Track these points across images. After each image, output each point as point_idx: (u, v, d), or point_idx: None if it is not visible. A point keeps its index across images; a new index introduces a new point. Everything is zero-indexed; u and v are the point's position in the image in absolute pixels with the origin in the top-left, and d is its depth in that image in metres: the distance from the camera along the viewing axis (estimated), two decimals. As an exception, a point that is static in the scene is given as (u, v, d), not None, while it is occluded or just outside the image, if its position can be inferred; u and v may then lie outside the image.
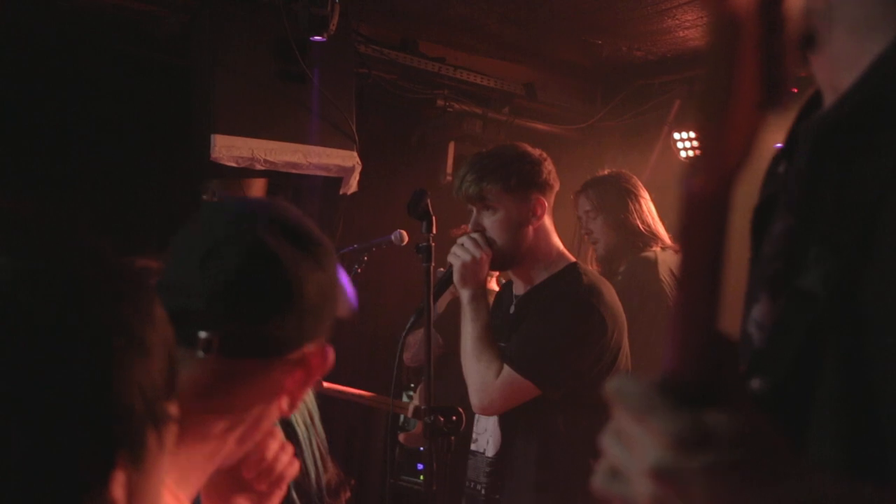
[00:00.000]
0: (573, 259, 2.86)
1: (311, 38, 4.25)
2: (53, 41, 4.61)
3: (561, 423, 2.63)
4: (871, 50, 0.89)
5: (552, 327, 2.67)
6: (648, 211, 3.91)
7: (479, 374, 2.65)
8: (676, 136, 5.51)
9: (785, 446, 0.72)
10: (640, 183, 3.99)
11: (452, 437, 2.41)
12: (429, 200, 2.85)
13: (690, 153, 5.49)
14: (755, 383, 0.89)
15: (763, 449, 0.70)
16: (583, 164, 5.45)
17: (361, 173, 4.71)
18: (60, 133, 4.65)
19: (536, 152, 2.85)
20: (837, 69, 0.92)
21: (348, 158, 4.58)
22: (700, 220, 0.66)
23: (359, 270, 3.82)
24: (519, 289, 2.87)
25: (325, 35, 4.22)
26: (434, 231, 2.87)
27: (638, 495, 0.70)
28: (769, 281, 0.95)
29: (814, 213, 0.90)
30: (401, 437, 4.43)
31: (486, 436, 2.81)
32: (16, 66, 4.47)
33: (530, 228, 2.77)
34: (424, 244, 2.74)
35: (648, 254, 3.80)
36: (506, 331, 2.78)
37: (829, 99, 0.96)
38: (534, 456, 2.63)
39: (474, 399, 2.68)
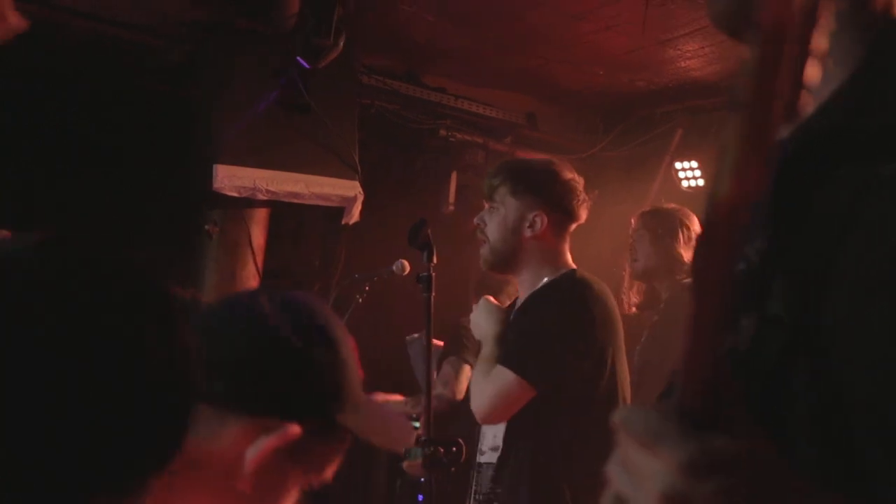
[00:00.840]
0: (574, 267, 2.82)
1: (300, 63, 4.26)
2: (59, 71, 4.65)
3: (552, 425, 2.59)
4: (830, 86, 0.91)
5: (538, 321, 2.65)
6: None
7: (476, 381, 2.66)
8: (678, 165, 5.53)
9: (789, 468, 0.73)
10: (697, 222, 4.00)
11: (453, 469, 2.39)
12: (429, 230, 2.85)
13: (692, 183, 5.50)
14: None
15: (769, 471, 0.71)
16: (584, 193, 5.46)
17: (363, 203, 4.73)
18: (63, 162, 4.68)
19: (568, 175, 2.82)
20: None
21: (350, 188, 4.60)
22: (729, 227, 0.66)
23: (360, 300, 3.82)
24: (520, 301, 2.87)
25: (317, 65, 4.24)
26: (434, 261, 2.87)
27: None
28: (738, 306, 0.96)
29: (776, 243, 0.91)
30: (405, 464, 4.40)
31: (497, 447, 2.79)
32: (21, 95, 4.50)
33: (525, 238, 2.74)
34: (425, 274, 2.74)
35: (689, 281, 3.79)
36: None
37: (783, 131, 0.97)
38: (528, 458, 2.60)
39: (472, 406, 2.66)
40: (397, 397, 4.05)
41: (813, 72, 0.61)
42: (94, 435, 0.74)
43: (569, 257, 2.83)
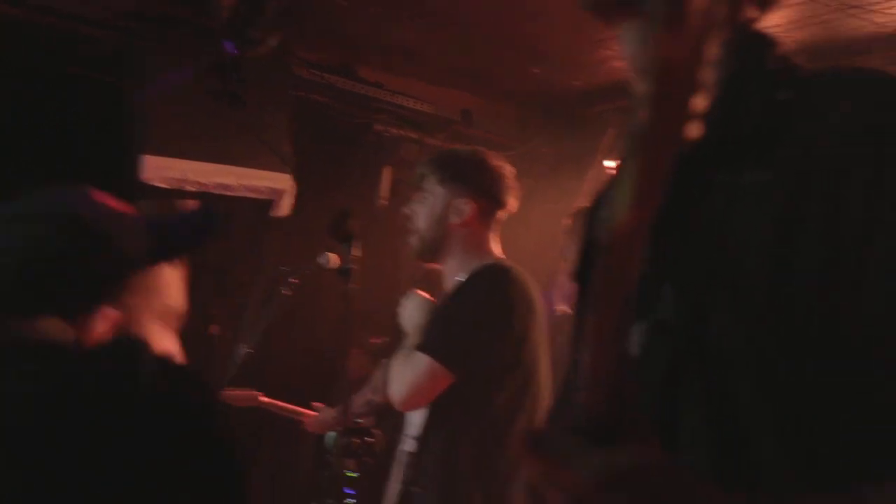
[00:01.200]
0: (501, 259, 2.82)
1: (231, 51, 4.23)
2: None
3: (472, 415, 2.60)
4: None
5: (458, 308, 2.66)
6: None
7: (394, 367, 2.65)
8: (609, 164, 5.60)
9: (695, 477, 0.74)
10: None
11: (369, 459, 2.39)
12: (352, 222, 2.85)
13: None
14: None
15: (674, 478, 0.72)
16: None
17: (297, 196, 4.71)
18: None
19: (495, 162, 2.83)
20: None
21: (281, 181, 4.58)
22: (627, 251, 0.68)
23: (287, 293, 3.79)
24: (446, 289, 2.87)
25: (249, 55, 4.22)
26: (357, 253, 2.88)
27: None
28: None
29: (667, 251, 0.95)
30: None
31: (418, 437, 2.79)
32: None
33: (453, 226, 2.74)
34: (345, 266, 2.74)
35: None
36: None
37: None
38: (446, 447, 2.61)
39: (390, 391, 2.65)
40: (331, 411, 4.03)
41: (701, 103, 0.64)
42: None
43: (496, 247, 2.83)
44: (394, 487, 2.73)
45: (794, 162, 0.86)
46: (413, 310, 2.75)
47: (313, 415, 4.10)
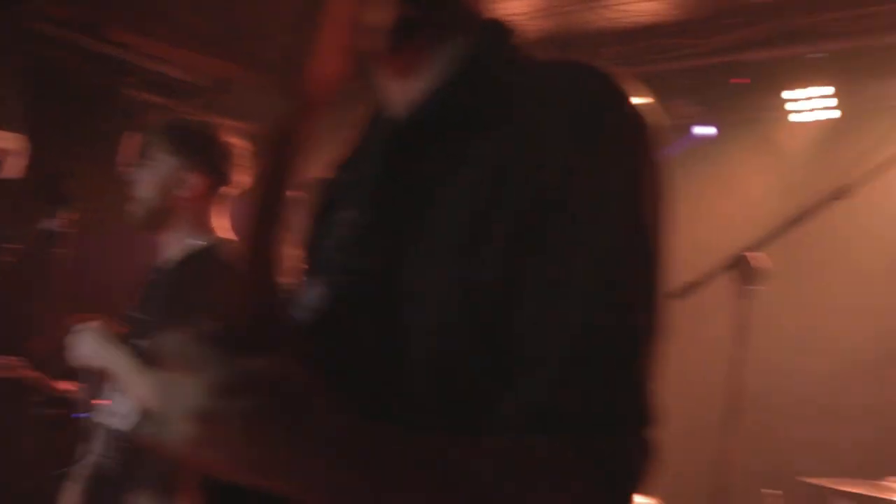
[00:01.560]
0: (223, 237, 2.80)
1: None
2: None
3: None
4: (439, 68, 1.03)
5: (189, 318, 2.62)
6: None
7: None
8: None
9: (320, 396, 0.77)
10: None
11: (61, 430, 2.32)
12: (66, 184, 2.75)
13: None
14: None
15: (300, 396, 0.75)
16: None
17: (32, 158, 4.47)
18: None
19: (227, 138, 2.74)
20: (410, 83, 1.04)
21: (10, 140, 4.34)
22: (279, 153, 0.73)
23: (7, 259, 3.59)
24: (162, 262, 2.81)
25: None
26: (74, 216, 2.78)
27: (176, 439, 0.73)
28: (329, 268, 1.05)
29: (379, 209, 1.02)
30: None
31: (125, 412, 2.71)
32: None
33: (176, 199, 2.71)
34: (53, 229, 2.64)
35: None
36: (146, 304, 2.68)
37: (397, 110, 1.07)
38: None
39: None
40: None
41: (376, 17, 0.67)
42: None
43: (221, 223, 2.81)
44: (86, 462, 2.65)
45: (507, 138, 0.93)
46: (96, 347, 2.61)
47: (74, 389, 3.91)
